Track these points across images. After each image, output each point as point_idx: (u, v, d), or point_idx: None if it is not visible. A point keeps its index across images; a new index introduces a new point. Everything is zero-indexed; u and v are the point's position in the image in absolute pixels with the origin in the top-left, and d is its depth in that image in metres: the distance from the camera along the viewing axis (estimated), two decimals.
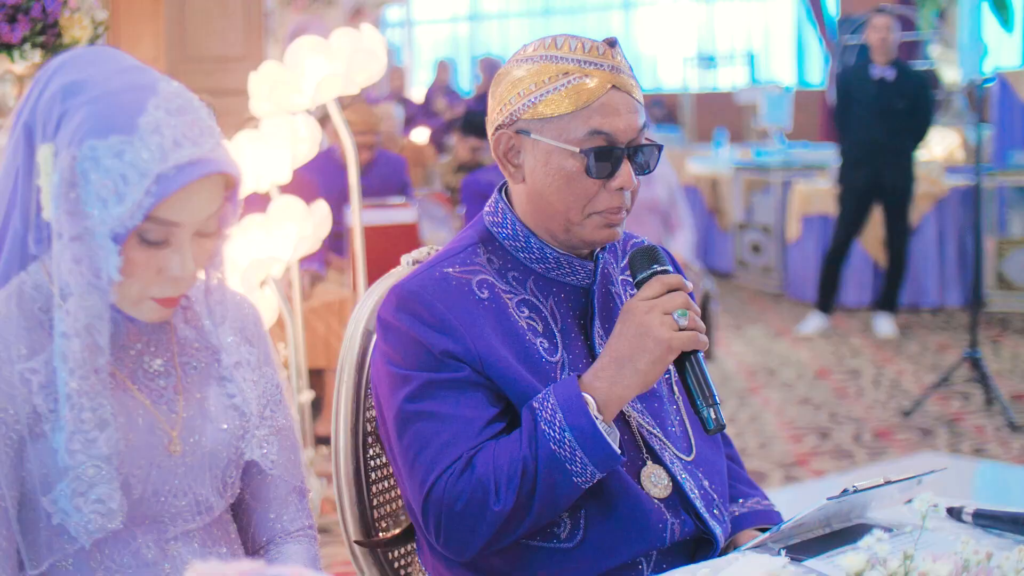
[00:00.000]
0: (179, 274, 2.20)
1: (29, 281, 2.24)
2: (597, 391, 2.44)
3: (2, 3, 5.23)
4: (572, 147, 2.52)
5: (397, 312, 2.54)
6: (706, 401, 2.44)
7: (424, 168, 12.17)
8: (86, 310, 2.14)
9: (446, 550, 2.51)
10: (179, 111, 2.14)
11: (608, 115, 2.52)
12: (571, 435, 2.39)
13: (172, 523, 2.32)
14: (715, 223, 13.94)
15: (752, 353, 9.91)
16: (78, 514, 2.18)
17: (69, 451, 2.16)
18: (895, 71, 10.24)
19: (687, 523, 2.59)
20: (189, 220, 2.18)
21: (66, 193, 2.10)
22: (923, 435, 7.56)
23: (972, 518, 2.55)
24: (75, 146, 2.10)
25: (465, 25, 25.04)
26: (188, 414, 2.34)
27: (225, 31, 8.56)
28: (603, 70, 2.53)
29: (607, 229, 2.58)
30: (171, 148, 2.11)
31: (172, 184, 2.11)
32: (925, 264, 11.48)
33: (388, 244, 7.18)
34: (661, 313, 2.43)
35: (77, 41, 5.34)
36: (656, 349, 2.42)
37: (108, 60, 2.21)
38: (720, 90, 19.47)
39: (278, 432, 2.49)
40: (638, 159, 2.57)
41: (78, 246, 2.12)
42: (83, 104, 2.12)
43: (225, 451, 2.37)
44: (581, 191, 2.54)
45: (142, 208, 2.10)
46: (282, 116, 5.46)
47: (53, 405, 2.17)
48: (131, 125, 2.10)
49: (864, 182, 10.29)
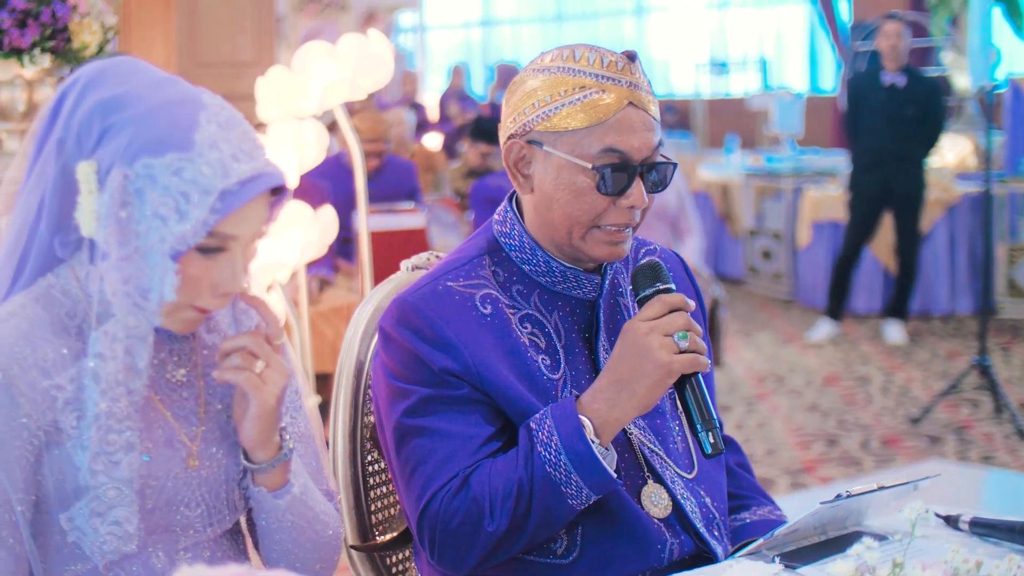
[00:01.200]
0: (230, 288, 2.19)
1: (57, 285, 2.22)
2: (595, 413, 2.42)
3: (12, 8, 5.25)
4: (585, 163, 2.49)
5: (398, 326, 2.53)
6: (705, 425, 2.42)
7: (434, 173, 12.17)
8: (127, 331, 2.12)
9: (441, 566, 2.52)
10: (229, 124, 2.14)
11: (623, 132, 2.49)
12: (567, 458, 2.38)
13: (184, 533, 2.30)
14: (726, 229, 13.92)
15: (761, 360, 9.90)
16: (94, 534, 2.16)
17: (91, 471, 2.14)
18: (906, 77, 10.23)
19: (686, 543, 2.58)
20: (247, 232, 2.18)
21: (116, 212, 2.08)
22: (931, 442, 7.56)
23: (969, 526, 2.55)
24: (126, 165, 2.08)
25: (478, 31, 25.04)
26: (208, 427, 2.32)
27: (236, 36, 8.58)
28: (621, 86, 2.50)
29: (610, 247, 2.55)
30: (231, 163, 2.10)
31: (236, 200, 2.11)
32: (936, 271, 11.46)
33: (396, 249, 7.16)
34: (661, 335, 2.39)
35: (86, 46, 5.35)
36: (655, 373, 2.39)
37: (139, 73, 2.19)
38: (732, 96, 19.44)
39: (299, 439, 2.47)
40: (651, 177, 2.53)
41: (128, 266, 2.10)
42: (129, 121, 2.10)
43: (241, 464, 2.35)
44: (590, 206, 2.50)
45: (207, 226, 2.09)
46: (289, 121, 5.47)
47: (76, 422, 2.15)
48: (187, 141, 2.08)
49: (874, 188, 10.27)
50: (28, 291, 2.22)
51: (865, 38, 14.60)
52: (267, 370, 2.27)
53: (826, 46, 18.13)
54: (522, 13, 24.29)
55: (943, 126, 10.56)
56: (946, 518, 2.59)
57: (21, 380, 2.12)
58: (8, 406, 2.11)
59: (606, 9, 22.66)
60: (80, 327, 2.20)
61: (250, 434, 2.29)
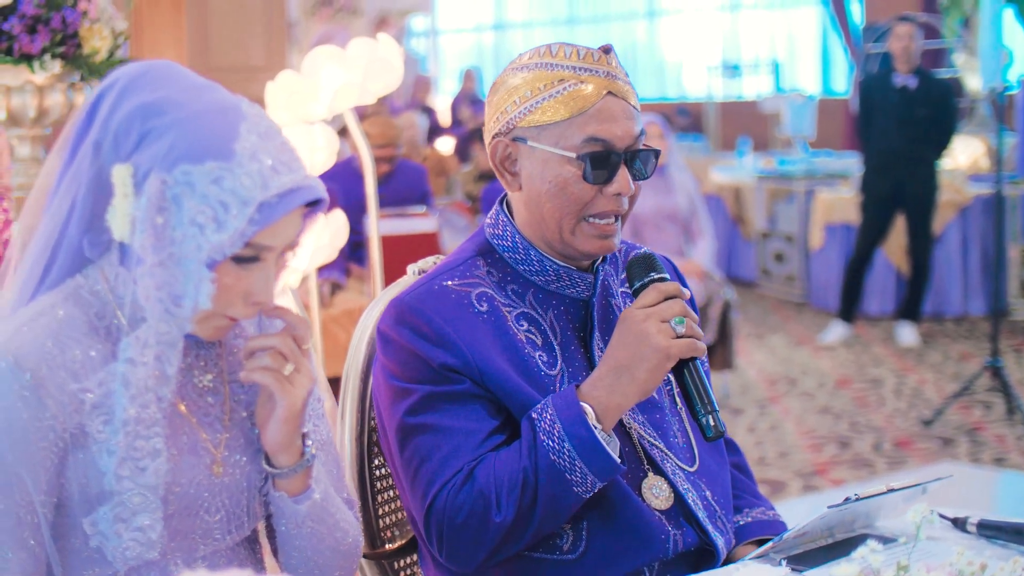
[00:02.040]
0: (262, 298, 2.19)
1: (86, 285, 2.21)
2: (596, 400, 2.44)
3: (22, 14, 5.26)
4: (569, 153, 2.52)
5: (396, 325, 2.54)
6: (704, 408, 2.44)
7: (446, 177, 12.18)
8: (158, 337, 2.12)
9: (449, 563, 2.52)
10: (268, 135, 2.14)
11: (604, 121, 2.52)
12: (570, 445, 2.40)
13: (203, 541, 2.28)
14: (739, 232, 13.91)
15: (773, 362, 9.90)
16: (117, 540, 2.15)
17: (117, 476, 2.13)
18: (917, 79, 10.22)
19: (689, 534, 2.58)
20: (282, 243, 2.18)
21: (152, 218, 2.08)
22: (944, 444, 7.55)
23: (976, 528, 2.55)
24: (165, 171, 2.08)
25: (490, 34, 25.04)
26: (232, 434, 2.32)
27: (247, 41, 8.57)
28: (598, 76, 2.54)
29: (600, 240, 2.57)
30: (270, 175, 2.10)
31: (275, 213, 2.11)
32: (948, 272, 11.44)
33: (408, 253, 7.15)
34: (658, 321, 2.42)
35: (97, 51, 5.36)
36: (654, 357, 2.41)
37: (177, 78, 2.19)
38: (744, 99, 19.43)
39: (321, 446, 2.46)
40: (636, 165, 2.56)
41: (162, 272, 2.10)
42: (169, 126, 2.10)
43: (264, 471, 2.34)
44: (577, 197, 2.53)
45: (244, 236, 2.09)
46: (299, 125, 5.47)
47: (103, 427, 2.14)
48: (227, 151, 2.08)
49: (885, 190, 10.27)
50: (57, 291, 2.21)
51: (877, 40, 14.59)
52: (295, 373, 2.27)
53: (838, 48, 18.12)
54: (534, 16, 24.29)
55: (955, 128, 10.55)
56: (954, 520, 2.59)
57: (49, 381, 2.12)
58: (36, 407, 2.10)
59: (618, 12, 22.66)
60: (109, 329, 2.20)
61: (274, 437, 2.29)
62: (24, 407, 2.10)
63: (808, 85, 19.11)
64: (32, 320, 2.16)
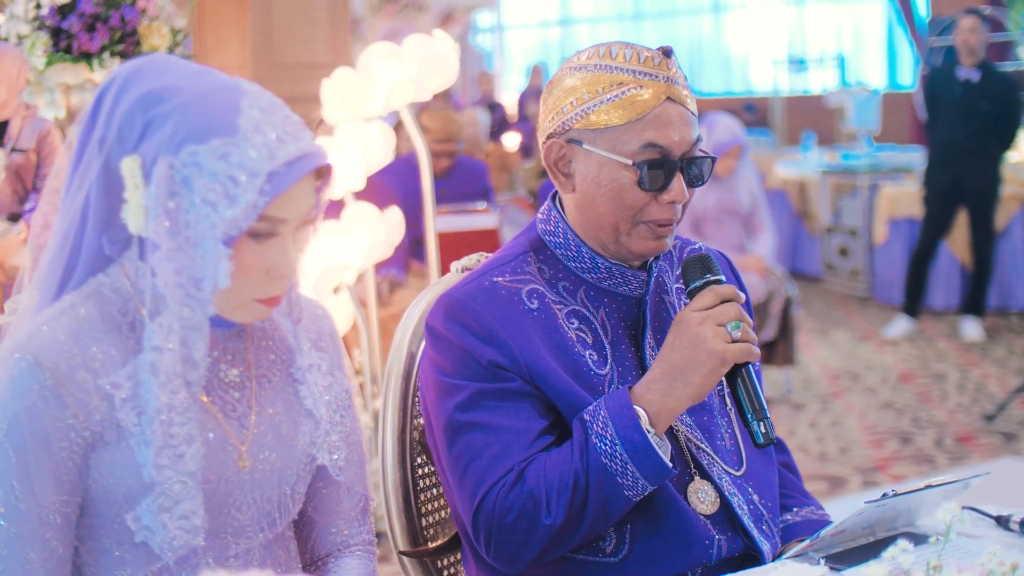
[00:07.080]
0: (284, 272, 2.20)
1: (107, 283, 2.22)
2: (649, 403, 2.42)
3: (81, 12, 5.31)
4: (625, 159, 2.50)
5: (446, 321, 2.53)
6: (756, 414, 2.43)
7: (509, 173, 12.18)
8: (182, 322, 2.13)
9: (497, 563, 2.51)
10: (271, 108, 2.15)
11: (662, 127, 2.50)
12: (623, 448, 2.38)
13: (234, 539, 2.29)
14: (803, 227, 13.83)
15: (837, 357, 9.85)
16: (163, 531, 2.16)
17: (157, 466, 2.14)
18: (980, 73, 10.14)
19: (734, 540, 2.57)
20: (296, 215, 2.18)
21: (164, 203, 2.09)
22: (1006, 440, 7.49)
23: (1019, 526, 2.53)
24: (171, 154, 2.08)
25: (556, 30, 25.00)
26: (259, 430, 2.31)
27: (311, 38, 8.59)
28: (658, 81, 2.51)
29: (655, 241, 2.56)
30: (276, 145, 2.11)
31: (284, 181, 2.11)
32: (1013, 266, 11.35)
33: (467, 250, 7.17)
34: (714, 325, 2.41)
35: (156, 49, 5.40)
36: (709, 361, 2.39)
37: (176, 68, 2.20)
38: (810, 93, 19.32)
39: (347, 439, 2.47)
40: (691, 171, 2.53)
41: (180, 256, 2.10)
42: (171, 112, 2.11)
43: (295, 466, 2.35)
44: (632, 203, 2.51)
45: (256, 208, 2.09)
46: (356, 122, 5.49)
47: (137, 419, 2.15)
48: (231, 126, 2.09)
49: (947, 184, 10.21)
50: (78, 291, 2.22)
51: (942, 33, 14.48)
52: None
53: (904, 42, 17.98)
54: (600, 12, 24.24)
55: (1019, 122, 10.46)
56: (997, 518, 2.57)
57: (70, 380, 2.13)
58: (56, 406, 2.12)
59: (684, 7, 22.57)
60: (132, 324, 2.21)
61: None
62: (45, 406, 2.11)
63: (873, 79, 18.97)
64: (53, 319, 2.17)
